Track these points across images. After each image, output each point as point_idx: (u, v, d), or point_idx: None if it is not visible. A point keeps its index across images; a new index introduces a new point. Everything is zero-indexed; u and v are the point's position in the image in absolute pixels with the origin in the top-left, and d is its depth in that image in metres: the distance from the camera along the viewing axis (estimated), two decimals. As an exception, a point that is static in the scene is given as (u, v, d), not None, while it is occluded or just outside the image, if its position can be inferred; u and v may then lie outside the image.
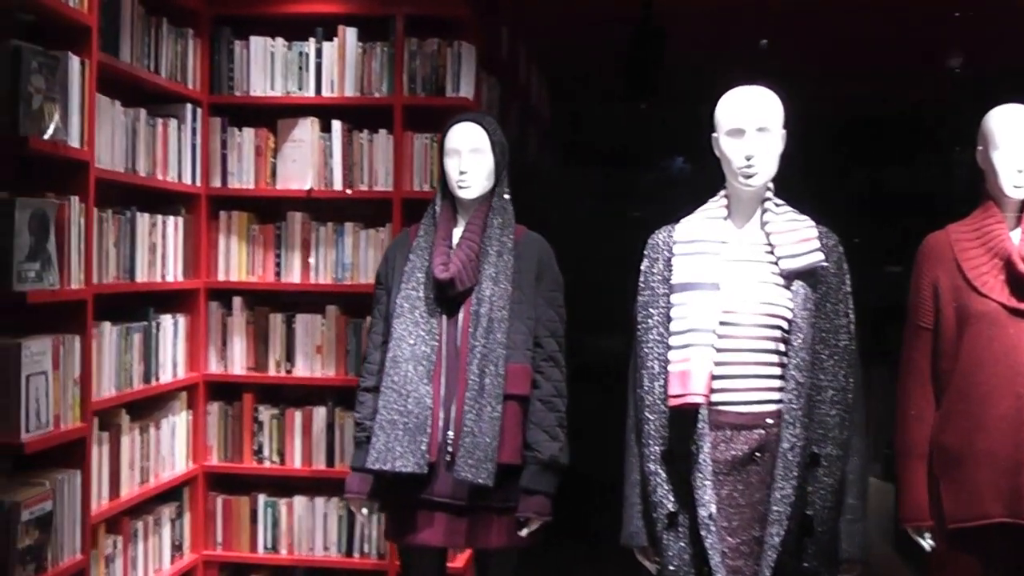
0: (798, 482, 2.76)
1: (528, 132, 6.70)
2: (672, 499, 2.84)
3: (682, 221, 3.03)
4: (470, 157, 3.36)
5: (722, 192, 3.00)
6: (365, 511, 3.48)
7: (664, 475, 2.85)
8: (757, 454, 2.82)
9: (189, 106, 4.42)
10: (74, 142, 3.20)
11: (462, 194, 3.38)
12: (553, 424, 3.27)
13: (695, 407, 2.80)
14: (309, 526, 4.58)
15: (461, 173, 3.36)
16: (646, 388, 2.92)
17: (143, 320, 4.08)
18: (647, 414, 2.90)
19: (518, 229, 3.46)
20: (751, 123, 2.85)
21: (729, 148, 2.89)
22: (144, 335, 4.07)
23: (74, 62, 3.19)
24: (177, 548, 4.40)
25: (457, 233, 3.34)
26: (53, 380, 3.13)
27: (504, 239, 3.38)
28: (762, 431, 2.82)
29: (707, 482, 2.77)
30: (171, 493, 4.36)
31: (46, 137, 3.01)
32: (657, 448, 2.87)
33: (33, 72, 2.97)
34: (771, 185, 2.96)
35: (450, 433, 3.23)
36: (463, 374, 3.23)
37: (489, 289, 3.26)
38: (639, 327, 2.99)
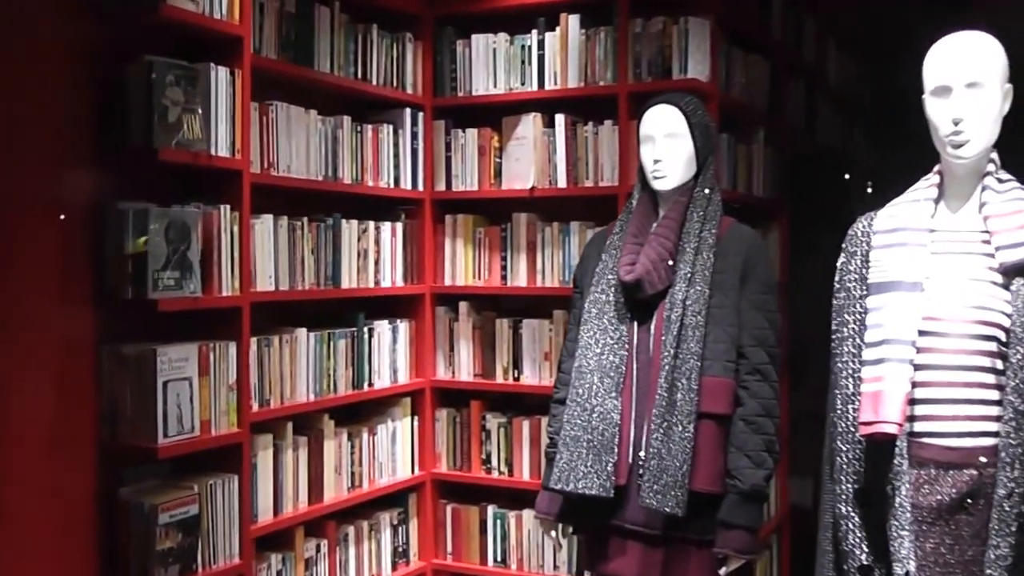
0: (1019, 539, 2.21)
1: (821, 117, 6.08)
2: (866, 549, 2.37)
3: (887, 206, 2.54)
4: (665, 143, 3.06)
5: (935, 168, 2.48)
6: (554, 533, 3.26)
7: (858, 520, 2.39)
8: (968, 501, 2.30)
9: (408, 111, 4.41)
10: (223, 151, 3.26)
11: (657, 185, 3.08)
12: (758, 448, 2.88)
13: (889, 438, 2.32)
14: (539, 541, 4.42)
15: (655, 162, 3.06)
16: (839, 412, 2.46)
17: (351, 326, 4.13)
18: (840, 444, 2.44)
19: (724, 222, 3.07)
20: (959, 78, 2.34)
21: (935, 111, 2.39)
22: (352, 341, 4.11)
23: (220, 73, 3.25)
24: (402, 555, 4.41)
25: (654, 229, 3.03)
26: (200, 386, 3.20)
27: (704, 234, 3.02)
28: (974, 472, 2.29)
29: (905, 532, 2.29)
30: (392, 499, 4.38)
31: (173, 145, 3.07)
32: (850, 486, 2.41)
33: (169, 85, 3.05)
34: (995, 157, 2.41)
35: (641, 454, 2.92)
36: (654, 388, 2.92)
37: (683, 292, 2.93)
38: (833, 337, 2.54)
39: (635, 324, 3.00)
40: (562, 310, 4.34)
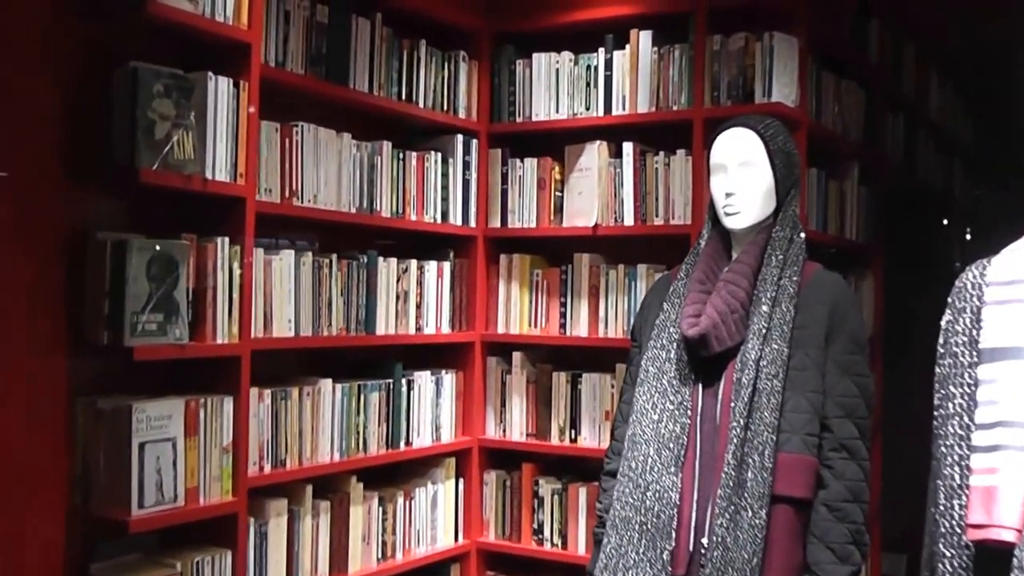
0: None
1: (921, 153, 5.42)
2: None
3: (1003, 251, 2.00)
4: (739, 173, 2.56)
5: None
6: None
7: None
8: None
9: (459, 137, 3.93)
10: (221, 174, 2.80)
11: (730, 222, 2.58)
12: (843, 539, 2.37)
13: (1004, 546, 1.79)
14: (596, 625, 3.84)
15: (727, 195, 2.56)
16: (942, 508, 1.93)
17: (386, 377, 3.63)
18: (942, 547, 1.92)
19: (807, 268, 2.57)
20: None
21: None
22: (388, 394, 3.62)
23: (220, 84, 2.79)
24: (441, 636, 3.88)
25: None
26: (187, 448, 2.72)
27: (783, 282, 2.51)
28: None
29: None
30: (431, 571, 3.85)
31: (159, 166, 2.61)
32: (954, 601, 1.88)
33: (156, 96, 2.60)
34: None
35: (704, 541, 2.42)
36: (720, 463, 2.41)
37: (756, 350, 2.43)
38: (936, 413, 2.01)
39: (699, 387, 2.51)
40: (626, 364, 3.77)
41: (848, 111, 4.23)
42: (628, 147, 3.80)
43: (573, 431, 3.89)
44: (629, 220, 3.79)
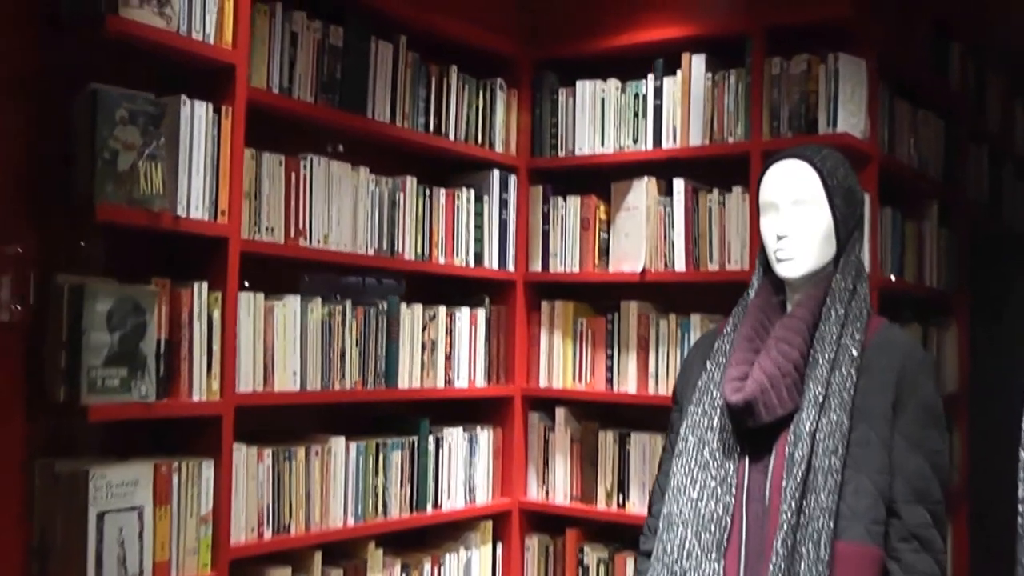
0: None
1: (1008, 192, 4.88)
2: None
3: None
4: (793, 213, 2.15)
5: None
6: None
7: None
8: None
9: (496, 173, 3.58)
10: (198, 212, 2.49)
11: (782, 270, 2.18)
12: None
13: None
14: None
15: (779, 238, 2.16)
16: None
17: (410, 434, 3.28)
18: None
19: (872, 324, 2.15)
20: None
21: None
22: (411, 452, 3.26)
23: (197, 109, 2.48)
24: None
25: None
26: (157, 518, 2.39)
27: (844, 340, 2.10)
28: None
29: None
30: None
31: (124, 201, 2.31)
32: None
33: (120, 123, 2.30)
34: None
35: None
36: (769, 552, 2.01)
37: (812, 420, 2.03)
38: (1021, 495, 1.61)
39: (746, 461, 2.11)
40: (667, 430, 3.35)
41: (926, 144, 3.77)
42: (679, 184, 3.40)
43: (621, 495, 3.48)
44: (681, 265, 3.39)
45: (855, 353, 2.07)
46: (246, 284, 2.67)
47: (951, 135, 3.98)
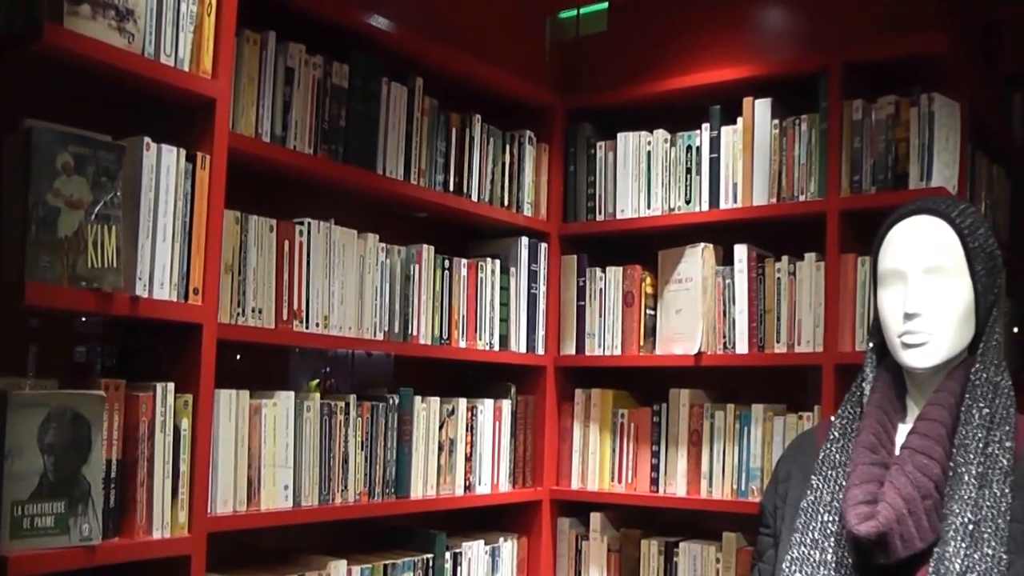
0: None
1: None
2: None
3: None
4: (926, 285, 1.66)
5: None
6: None
7: None
8: None
9: (524, 240, 2.97)
10: (163, 291, 1.85)
11: (910, 359, 1.66)
12: None
13: None
14: None
15: (908, 317, 1.65)
16: None
17: (424, 551, 2.63)
18: None
19: (1021, 425, 1.64)
20: None
21: None
22: (426, 573, 2.62)
23: (167, 157, 1.86)
24: None
25: (900, 436, 1.66)
26: None
27: (993, 449, 1.59)
28: None
29: None
30: None
31: (62, 280, 1.68)
32: None
33: (62, 172, 1.69)
34: None
35: None
36: None
37: (961, 558, 1.52)
38: None
39: None
40: (735, 533, 2.73)
41: (998, 204, 3.19)
42: (741, 251, 2.81)
43: (670, 618, 2.83)
44: (742, 347, 2.78)
45: (1007, 465, 1.57)
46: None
47: (1017, 195, 3.39)
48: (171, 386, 1.86)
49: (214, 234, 1.93)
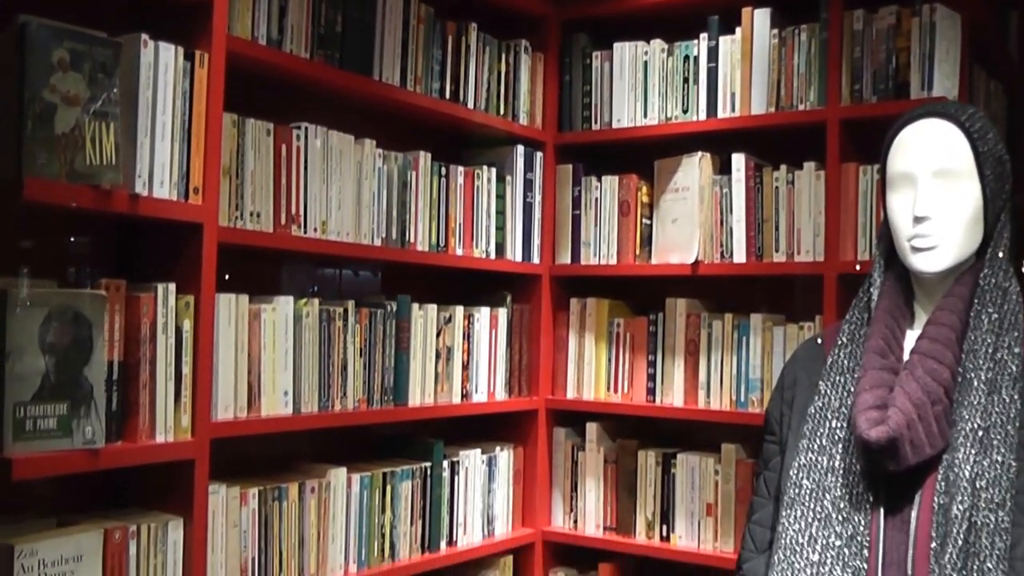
0: None
1: None
2: None
3: None
4: (936, 188, 1.62)
5: None
6: None
7: None
8: None
9: (520, 149, 2.92)
10: (163, 190, 1.80)
11: (919, 262, 1.63)
12: None
13: None
14: None
15: (917, 221, 1.61)
16: None
17: (422, 459, 2.62)
18: None
19: None
20: None
21: None
22: (423, 482, 2.60)
23: (165, 54, 1.79)
24: None
25: (909, 342, 1.64)
26: (108, 600, 1.72)
27: (1002, 354, 1.57)
28: None
29: None
30: None
31: (61, 174, 1.63)
32: None
33: (58, 69, 1.62)
34: None
35: None
36: None
37: (971, 464, 1.51)
38: None
39: (880, 514, 1.59)
40: (735, 444, 2.73)
41: (995, 120, 3.14)
42: (739, 160, 2.76)
43: (665, 527, 2.84)
44: (740, 256, 2.74)
45: (1016, 371, 1.55)
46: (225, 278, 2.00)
47: (1013, 111, 3.35)
48: (172, 287, 1.81)
49: (214, 134, 1.87)
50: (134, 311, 1.76)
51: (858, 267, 2.51)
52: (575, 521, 3.00)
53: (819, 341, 1.82)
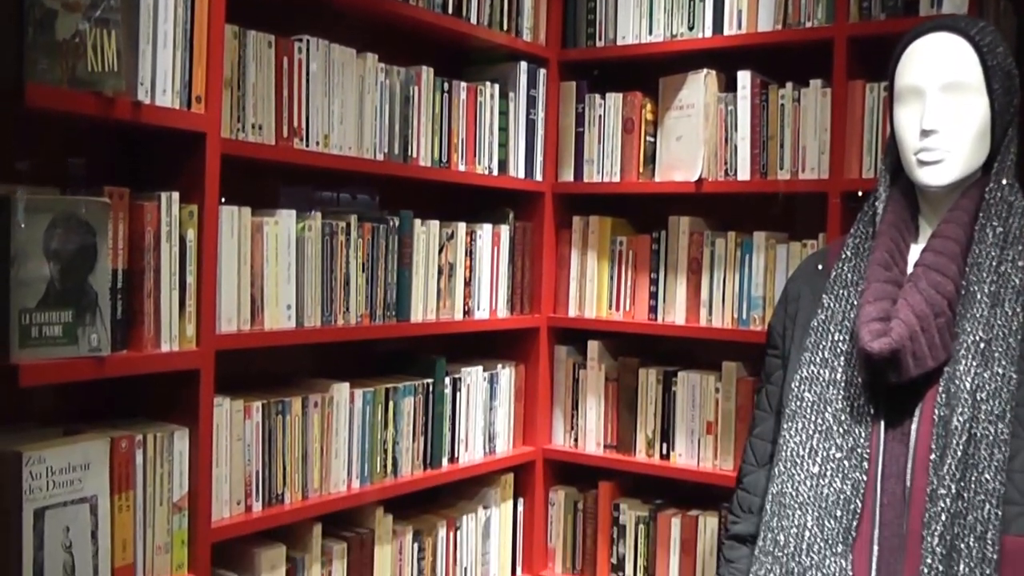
0: None
1: None
2: None
3: None
4: (944, 102, 1.60)
5: None
6: None
7: None
8: None
9: (523, 65, 2.87)
10: (166, 98, 1.77)
11: (926, 176, 1.61)
12: None
13: None
14: None
15: (925, 134, 1.60)
16: None
17: (424, 376, 2.62)
18: None
19: None
20: None
21: None
22: (425, 398, 2.61)
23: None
24: None
25: (913, 256, 1.65)
26: (117, 510, 1.72)
27: (1006, 268, 1.57)
28: None
29: None
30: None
31: (63, 81, 1.59)
32: None
33: (57, -27, 1.58)
34: None
35: None
36: (915, 545, 1.52)
37: (972, 376, 1.51)
38: None
39: (880, 426, 1.59)
40: (736, 362, 2.73)
41: (1005, 39, 3.08)
42: (744, 77, 2.71)
43: (665, 444, 2.85)
44: (744, 174, 2.72)
45: (1019, 284, 1.56)
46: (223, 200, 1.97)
47: (1023, 32, 3.29)
48: (176, 195, 1.79)
49: (216, 43, 1.83)
50: (138, 219, 1.74)
51: (860, 193, 2.49)
52: (575, 439, 3.01)
53: (823, 258, 1.81)
